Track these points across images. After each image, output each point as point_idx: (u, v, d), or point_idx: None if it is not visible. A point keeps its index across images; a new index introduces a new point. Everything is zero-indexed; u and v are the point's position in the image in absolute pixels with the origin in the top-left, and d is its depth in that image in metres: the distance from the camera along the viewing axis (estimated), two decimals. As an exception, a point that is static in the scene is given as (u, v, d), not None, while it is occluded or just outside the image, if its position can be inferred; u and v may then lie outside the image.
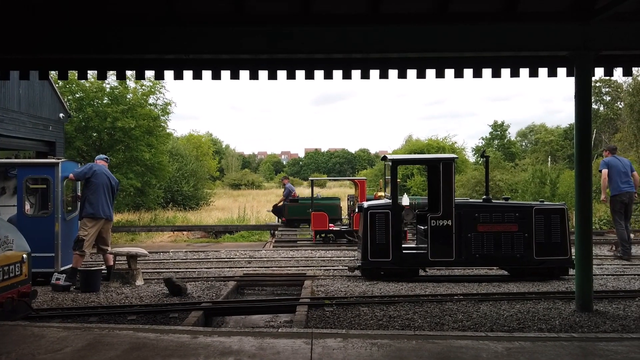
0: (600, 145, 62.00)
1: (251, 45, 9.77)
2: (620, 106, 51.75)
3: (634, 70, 12.41)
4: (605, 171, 16.63)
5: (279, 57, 10.62)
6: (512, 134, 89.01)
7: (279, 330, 8.04)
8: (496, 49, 10.15)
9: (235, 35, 9.70)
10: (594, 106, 59.58)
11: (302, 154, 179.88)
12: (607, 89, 58.14)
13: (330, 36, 9.76)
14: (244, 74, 11.14)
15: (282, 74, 11.14)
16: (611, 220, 19.20)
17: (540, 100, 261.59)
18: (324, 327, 9.01)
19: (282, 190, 23.61)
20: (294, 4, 9.68)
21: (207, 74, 11.16)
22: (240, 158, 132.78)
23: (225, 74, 11.17)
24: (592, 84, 55.31)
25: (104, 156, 13.82)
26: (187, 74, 11.19)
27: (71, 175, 13.13)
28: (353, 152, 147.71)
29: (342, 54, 10.29)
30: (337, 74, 11.18)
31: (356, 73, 11.18)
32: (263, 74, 11.09)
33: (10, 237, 8.72)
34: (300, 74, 11.18)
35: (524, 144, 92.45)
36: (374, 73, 11.20)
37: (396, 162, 13.76)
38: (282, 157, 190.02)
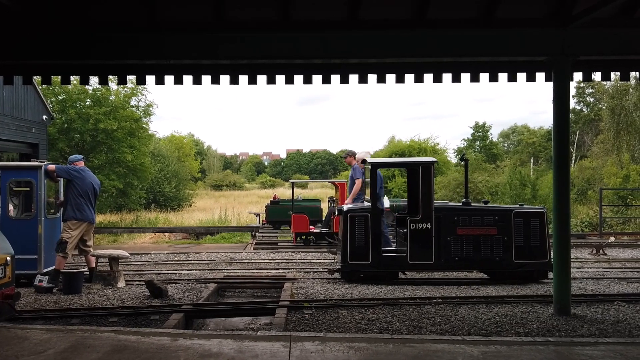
0: (584, 147, 62.28)
1: (231, 51, 9.85)
2: (603, 107, 51.91)
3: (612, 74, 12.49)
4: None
5: (259, 62, 10.68)
6: (494, 135, 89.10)
7: (258, 334, 8.15)
8: (475, 54, 10.26)
9: (216, 42, 9.78)
10: (577, 107, 59.90)
11: (283, 155, 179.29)
12: (590, 90, 58.27)
13: (310, 42, 9.86)
14: (225, 78, 11.21)
15: (262, 78, 11.19)
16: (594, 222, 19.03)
17: (525, 101, 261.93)
18: (303, 330, 9.06)
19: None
20: (273, 11, 9.74)
21: (188, 79, 11.21)
22: (222, 159, 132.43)
23: (206, 79, 11.23)
24: (577, 85, 55.55)
25: (80, 156, 13.68)
26: (169, 79, 11.25)
27: (52, 166, 13.14)
28: (335, 152, 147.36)
29: (322, 60, 10.39)
30: (317, 78, 11.24)
31: (335, 78, 11.23)
32: (243, 78, 11.13)
33: (-5, 241, 8.72)
34: (280, 78, 11.25)
35: (506, 145, 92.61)
36: (353, 78, 11.28)
37: (375, 166, 13.83)
38: (264, 158, 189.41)
